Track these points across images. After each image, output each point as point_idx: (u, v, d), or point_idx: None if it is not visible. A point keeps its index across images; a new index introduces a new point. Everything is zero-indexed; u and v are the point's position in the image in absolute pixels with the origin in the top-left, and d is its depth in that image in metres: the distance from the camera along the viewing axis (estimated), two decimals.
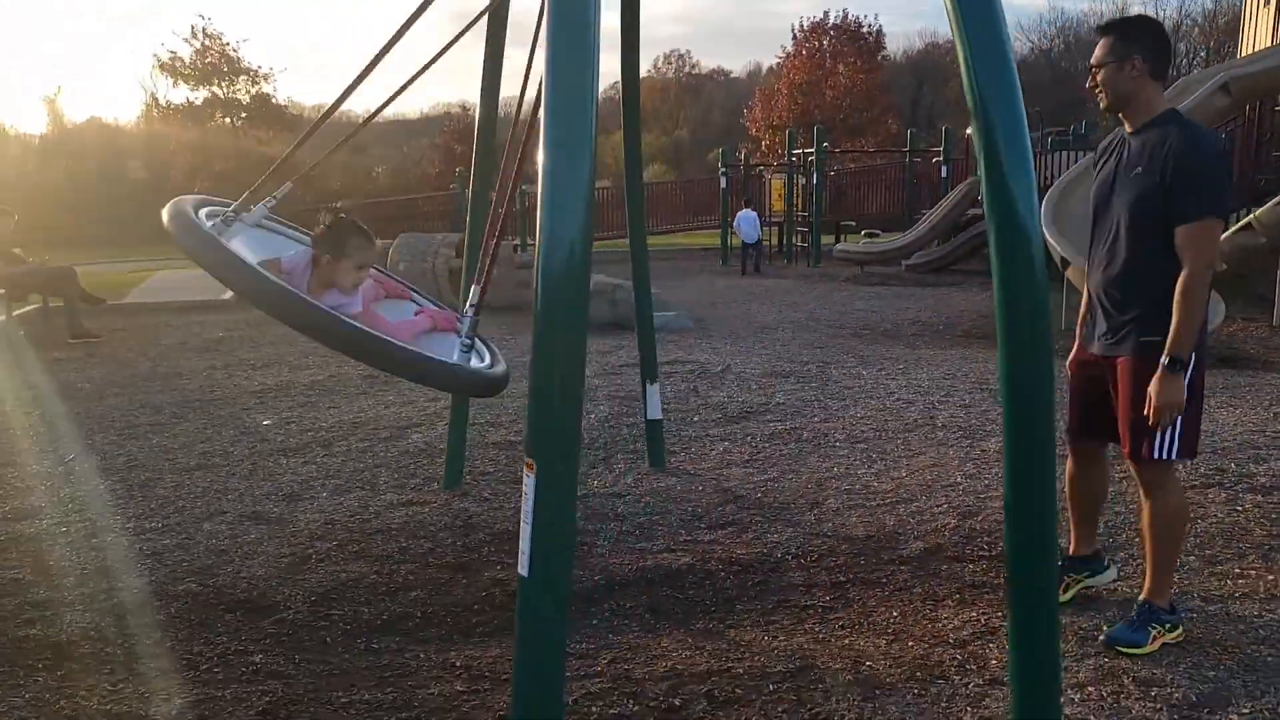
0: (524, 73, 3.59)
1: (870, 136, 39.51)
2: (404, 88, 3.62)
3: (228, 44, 37.87)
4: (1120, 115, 3.09)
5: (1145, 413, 2.92)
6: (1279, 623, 3.15)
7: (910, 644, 3.19)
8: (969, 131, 16.72)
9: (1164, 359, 2.87)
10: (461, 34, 3.61)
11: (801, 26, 45.58)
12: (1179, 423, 2.94)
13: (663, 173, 50.15)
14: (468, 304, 3.14)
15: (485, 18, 4.21)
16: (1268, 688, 2.75)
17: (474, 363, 3.13)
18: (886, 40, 46.03)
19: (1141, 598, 3.13)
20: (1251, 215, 9.20)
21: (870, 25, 45.38)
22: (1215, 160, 2.95)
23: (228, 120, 38.37)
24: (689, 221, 27.42)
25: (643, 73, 3.64)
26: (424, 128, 52.68)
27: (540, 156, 1.65)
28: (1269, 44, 11.58)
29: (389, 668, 3.15)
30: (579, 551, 4.11)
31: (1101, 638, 3.09)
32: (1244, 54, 12.32)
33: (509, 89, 4.10)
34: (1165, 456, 2.98)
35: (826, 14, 45.86)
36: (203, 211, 3.16)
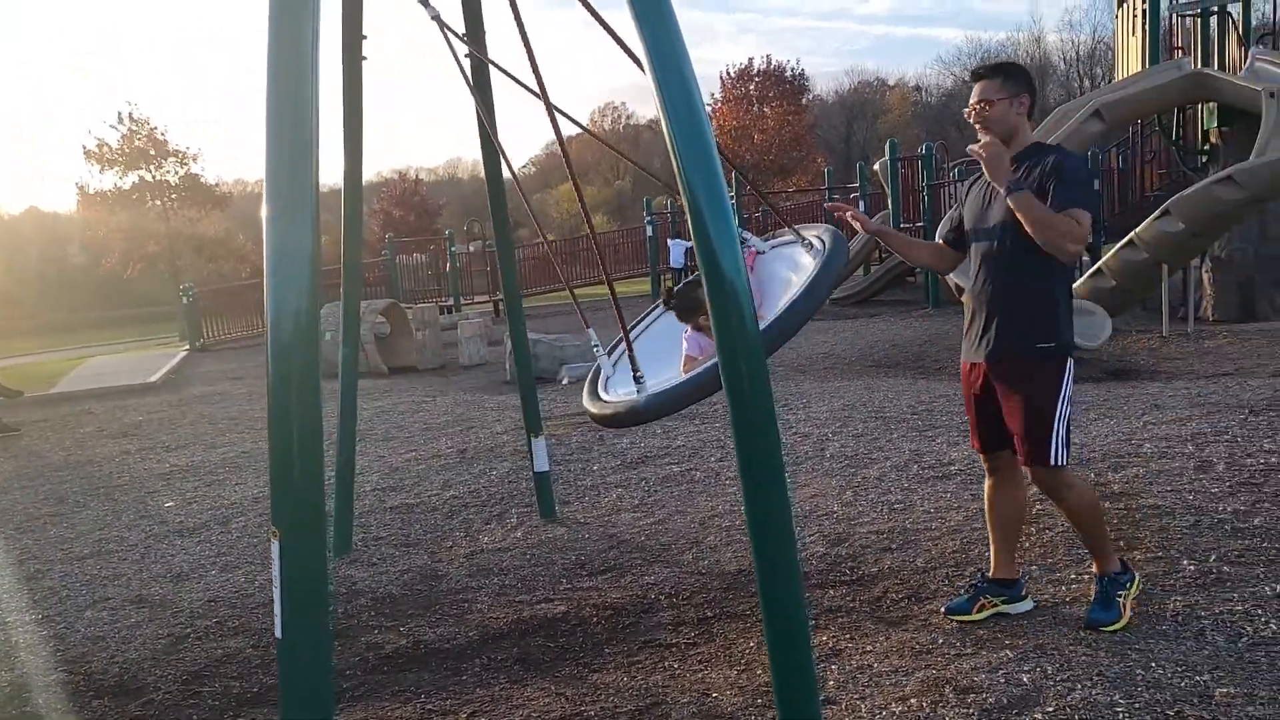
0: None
1: (801, 176, 40.37)
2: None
3: (154, 128, 37.94)
4: None
5: (1041, 409, 3.15)
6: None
7: (759, 672, 3.31)
8: (876, 166, 17.30)
9: (1013, 183, 3.09)
10: None
11: (729, 74, 46.69)
12: (1065, 430, 3.19)
13: (603, 224, 50.70)
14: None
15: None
16: (1075, 685, 2.90)
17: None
18: (816, 81, 47.30)
19: (1096, 573, 3.38)
20: (1133, 233, 9.61)
21: (793, 69, 46.65)
22: (1080, 166, 3.28)
23: (158, 203, 38.32)
24: (630, 270, 27.71)
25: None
26: (364, 194, 52.81)
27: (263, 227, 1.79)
28: (1137, 70, 12.19)
29: None
30: (458, 609, 4.20)
31: (1084, 625, 3.27)
32: (1116, 80, 12.95)
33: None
34: (1061, 463, 3.20)
35: (751, 60, 47.07)
36: (599, 384, 3.84)
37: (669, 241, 20.33)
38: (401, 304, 15.49)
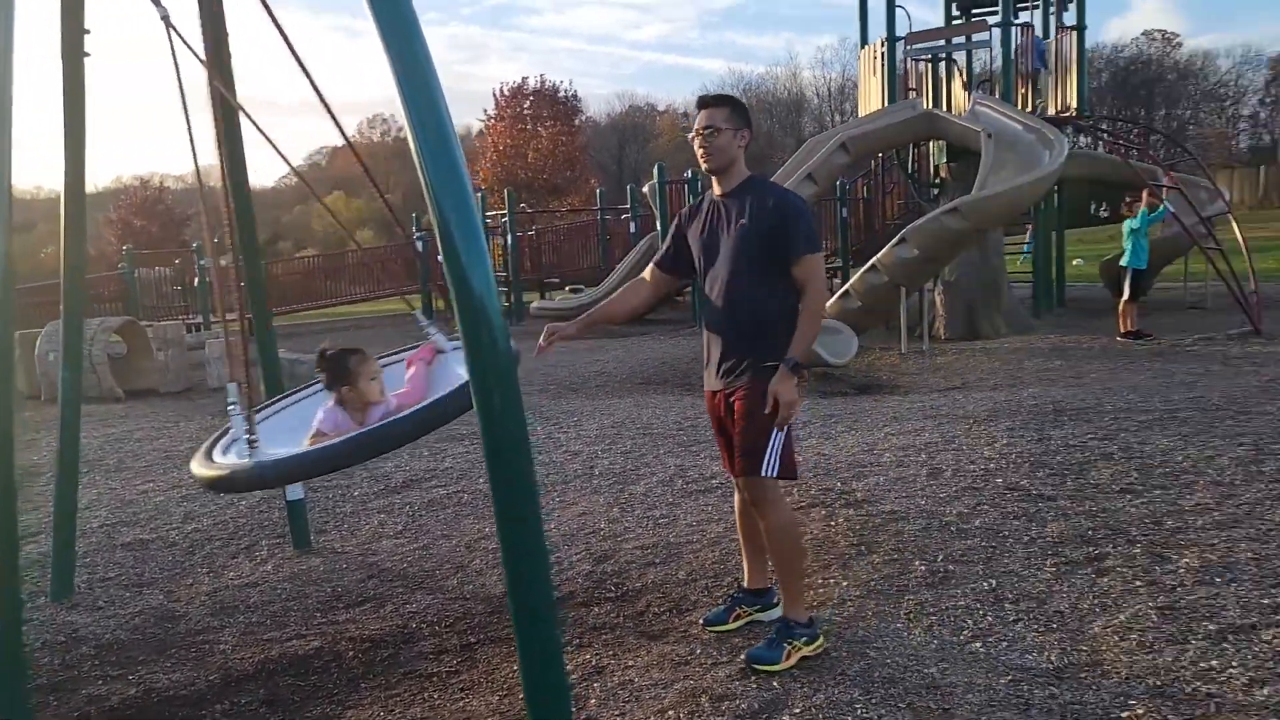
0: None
1: (575, 196, 40.87)
2: None
3: None
4: (716, 177, 3.40)
5: (761, 423, 3.19)
6: (845, 625, 3.52)
7: (521, 697, 3.25)
8: (645, 189, 17.80)
9: (787, 361, 3.18)
10: None
11: (503, 91, 46.60)
12: (781, 446, 3.25)
13: (371, 239, 49.11)
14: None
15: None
16: (820, 686, 3.06)
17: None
18: (588, 103, 48.00)
19: (779, 614, 3.41)
20: (875, 258, 10.41)
21: (567, 89, 47.25)
22: (806, 208, 3.41)
23: None
24: (401, 286, 26.88)
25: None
26: (100, 202, 48.38)
27: None
28: (878, 107, 13.30)
29: None
30: (198, 652, 3.88)
31: (741, 657, 3.27)
32: (860, 116, 14.07)
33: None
34: (771, 474, 3.25)
35: (525, 79, 47.26)
36: (218, 448, 3.52)
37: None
38: (141, 321, 14.26)
